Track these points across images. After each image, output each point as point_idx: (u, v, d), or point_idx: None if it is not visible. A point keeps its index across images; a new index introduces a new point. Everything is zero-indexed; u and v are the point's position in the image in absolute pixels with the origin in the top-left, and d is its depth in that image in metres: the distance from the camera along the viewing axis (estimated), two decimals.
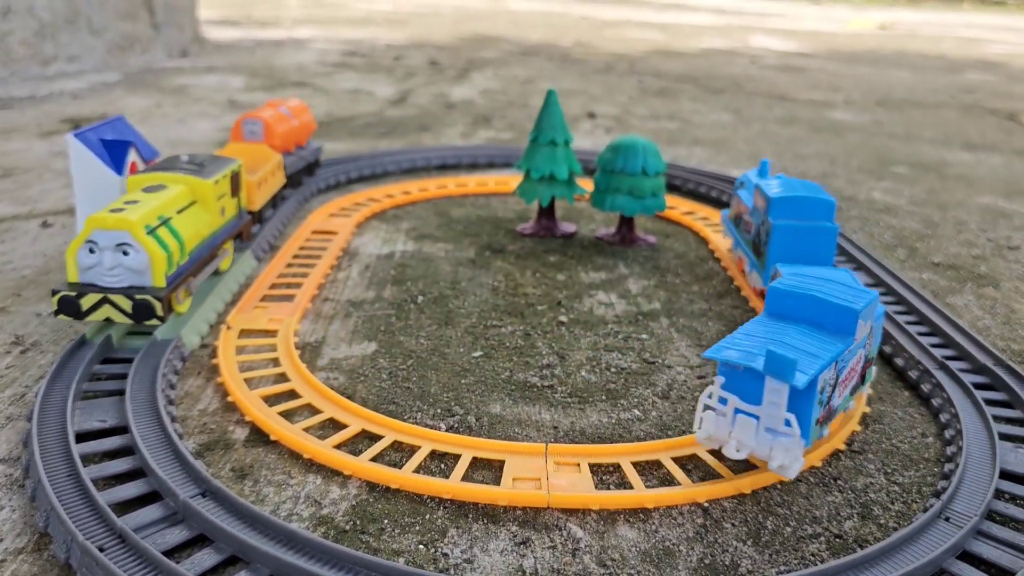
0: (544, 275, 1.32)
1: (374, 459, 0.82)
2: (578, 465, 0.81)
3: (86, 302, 0.95)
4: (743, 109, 2.96)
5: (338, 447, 0.84)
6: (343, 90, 3.00)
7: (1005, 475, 0.83)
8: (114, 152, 1.27)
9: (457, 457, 0.83)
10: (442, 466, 0.82)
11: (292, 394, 0.94)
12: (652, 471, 0.82)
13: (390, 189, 1.72)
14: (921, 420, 0.94)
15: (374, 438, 0.86)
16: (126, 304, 0.95)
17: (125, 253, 0.96)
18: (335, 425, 0.89)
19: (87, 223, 0.96)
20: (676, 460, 0.83)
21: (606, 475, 0.81)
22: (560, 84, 3.33)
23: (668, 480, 0.80)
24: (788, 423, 0.73)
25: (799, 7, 10.22)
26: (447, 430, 0.88)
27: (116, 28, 3.31)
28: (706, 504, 0.77)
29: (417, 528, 0.74)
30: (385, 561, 0.65)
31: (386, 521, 0.75)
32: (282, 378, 0.97)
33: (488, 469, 0.82)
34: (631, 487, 0.78)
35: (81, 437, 0.84)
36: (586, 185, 1.61)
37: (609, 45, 4.97)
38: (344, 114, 2.58)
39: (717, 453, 0.84)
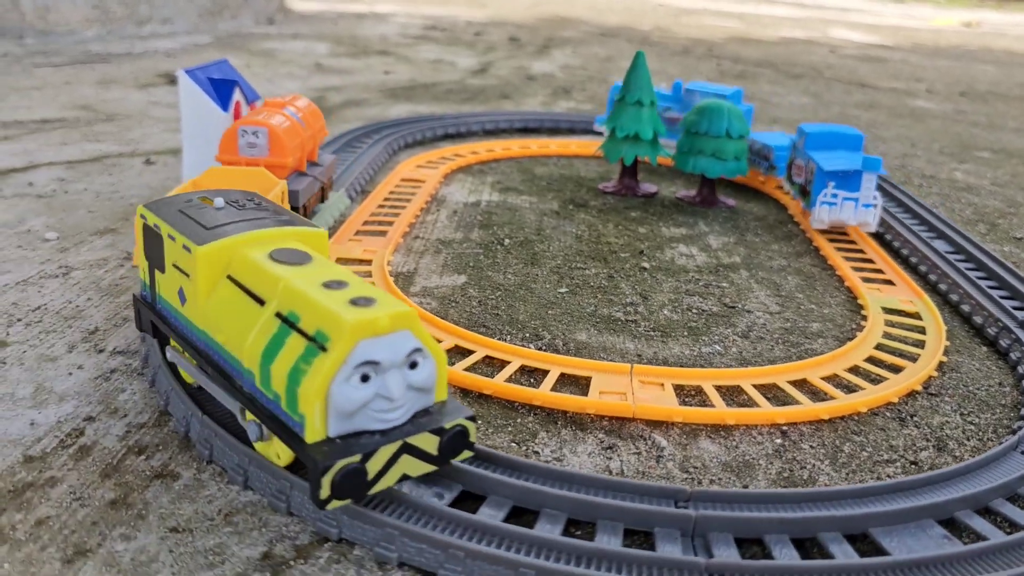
0: (626, 227, 1.35)
1: (467, 369, 0.87)
2: (662, 385, 0.84)
3: (375, 464, 0.59)
4: (822, 93, 2.94)
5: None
6: (425, 59, 3.07)
7: None
8: (221, 90, 1.33)
9: (546, 373, 0.87)
10: (532, 380, 0.86)
11: None
12: (733, 396, 0.85)
13: (475, 147, 1.76)
14: (999, 372, 0.96)
15: (466, 353, 0.91)
16: (430, 444, 0.62)
17: (413, 366, 0.62)
18: None
19: (345, 336, 0.58)
20: (757, 387, 0.86)
21: (689, 396, 0.85)
22: None
23: (748, 403, 0.83)
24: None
25: (881, 4, 10.02)
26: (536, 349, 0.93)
27: None
28: (785, 426, 0.81)
29: (509, 429, 0.78)
30: (484, 447, 0.70)
31: (481, 422, 0.79)
32: None
33: (576, 385, 0.86)
34: (713, 406, 0.81)
35: None
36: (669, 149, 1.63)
37: (687, 31, 4.96)
38: (427, 81, 2.64)
39: (796, 383, 0.87)
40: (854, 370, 0.92)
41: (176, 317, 0.75)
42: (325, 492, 0.57)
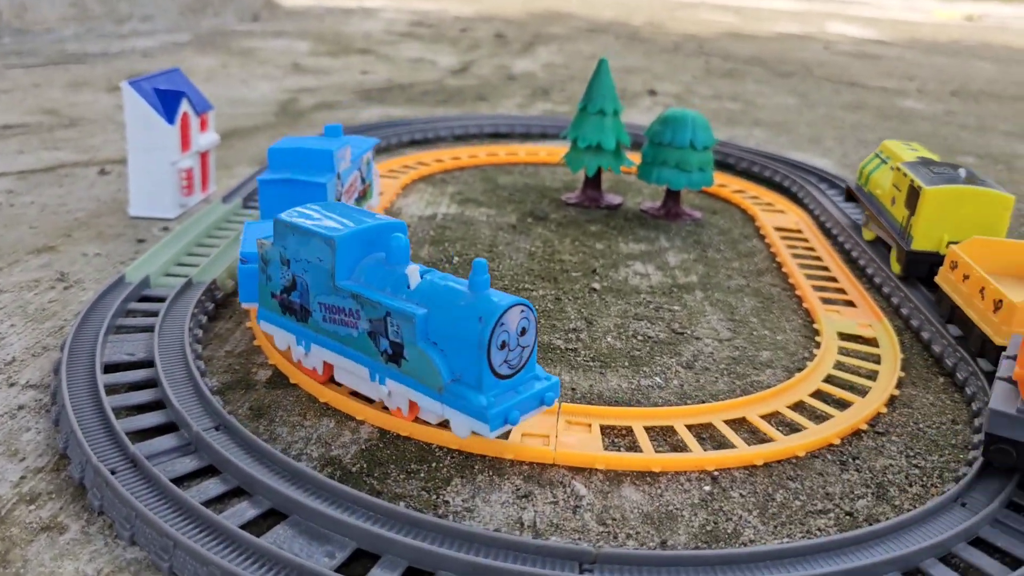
0: (583, 243, 1.31)
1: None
2: (589, 426, 0.80)
3: None
4: (810, 93, 2.89)
5: (355, 394, 0.85)
6: (406, 58, 3.02)
7: None
8: (167, 101, 1.29)
9: None
10: None
11: None
12: (665, 437, 0.81)
13: (440, 154, 1.72)
14: (953, 407, 0.92)
15: None
16: None
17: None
18: None
19: None
20: (690, 428, 0.82)
21: (618, 437, 0.80)
22: (624, 61, 3.30)
23: (680, 446, 0.79)
24: None
25: None
26: None
27: None
28: (716, 472, 0.76)
29: (422, 475, 0.74)
30: (384, 503, 0.66)
31: (392, 466, 0.75)
32: None
33: None
34: (640, 451, 0.77)
35: (109, 368, 0.86)
36: (635, 159, 1.59)
37: (680, 26, 4.90)
38: (405, 81, 2.59)
39: (734, 423, 0.83)
40: (799, 406, 0.88)
41: None
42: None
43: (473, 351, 0.71)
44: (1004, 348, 0.88)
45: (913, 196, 1.17)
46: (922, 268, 1.16)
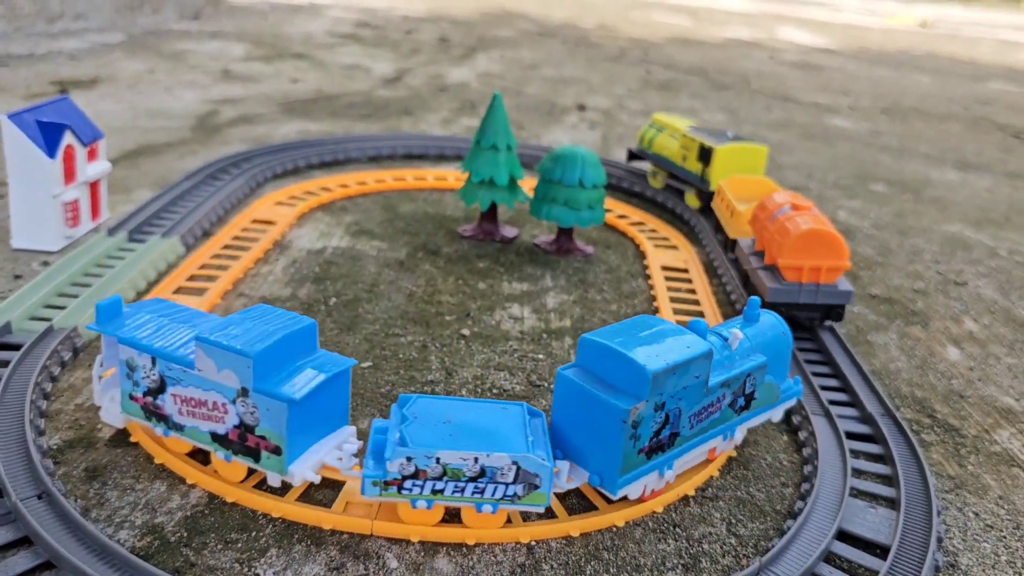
0: (466, 282, 1.32)
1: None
2: None
3: None
4: (740, 109, 2.92)
5: (192, 454, 0.86)
6: (340, 65, 3.01)
7: (844, 536, 0.83)
8: (49, 134, 1.29)
9: None
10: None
11: None
12: None
13: (346, 178, 1.72)
14: (788, 468, 0.94)
15: None
16: None
17: None
18: None
19: None
20: None
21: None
22: (564, 71, 3.31)
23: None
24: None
25: None
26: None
27: None
28: (532, 543, 0.78)
29: (239, 545, 0.75)
30: None
31: (212, 535, 0.76)
32: None
33: (333, 490, 0.83)
34: (460, 521, 0.79)
35: None
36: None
37: (631, 29, 4.92)
38: (333, 91, 2.59)
39: (564, 494, 0.85)
40: None
41: None
42: None
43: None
44: (735, 241, 1.40)
45: (705, 153, 1.61)
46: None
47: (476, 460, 0.74)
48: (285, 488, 0.82)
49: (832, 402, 1.07)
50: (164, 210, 1.45)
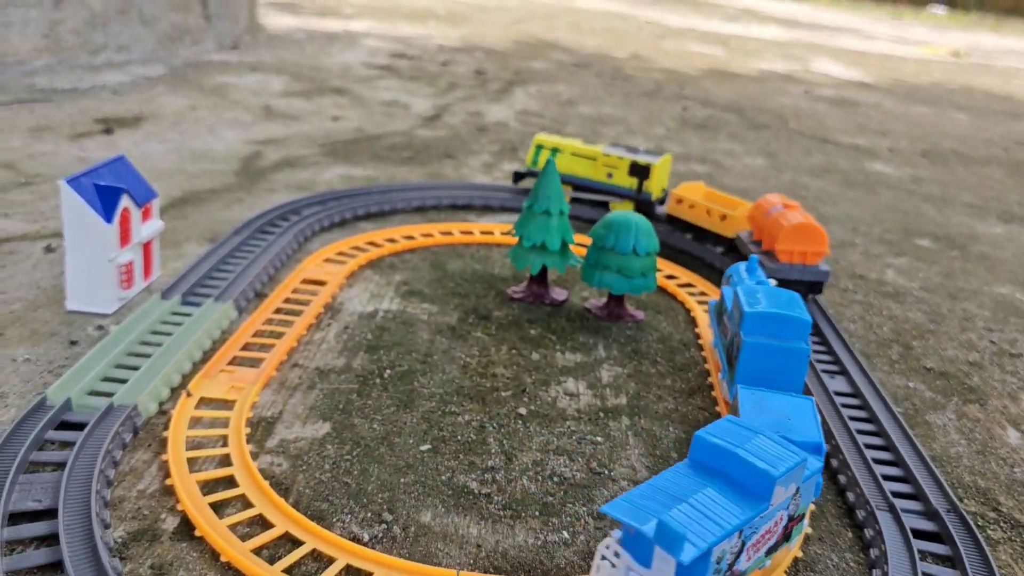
0: (519, 352, 1.32)
1: (288, 569, 0.83)
2: None
3: None
4: (780, 152, 2.90)
5: (258, 550, 0.85)
6: (380, 101, 3.02)
7: None
8: (106, 199, 1.29)
9: (370, 575, 0.83)
10: None
11: (231, 481, 0.96)
12: None
13: (393, 232, 1.72)
14: (857, 570, 0.93)
15: (296, 543, 0.87)
16: None
17: None
18: (264, 523, 0.90)
19: None
20: None
21: None
22: (601, 108, 3.31)
23: None
24: None
25: (877, 22, 9.98)
26: (369, 540, 0.89)
27: (168, 18, 3.36)
28: None
29: None
30: None
31: None
32: (226, 460, 0.99)
33: None
34: None
35: (15, 518, 0.86)
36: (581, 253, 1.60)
37: (665, 60, 4.92)
38: (374, 131, 2.60)
39: None
40: None
41: None
42: None
43: None
44: (731, 239, 1.70)
45: (639, 169, 1.84)
46: (651, 208, 1.86)
47: None
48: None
49: (895, 494, 1.05)
50: (215, 269, 1.46)
